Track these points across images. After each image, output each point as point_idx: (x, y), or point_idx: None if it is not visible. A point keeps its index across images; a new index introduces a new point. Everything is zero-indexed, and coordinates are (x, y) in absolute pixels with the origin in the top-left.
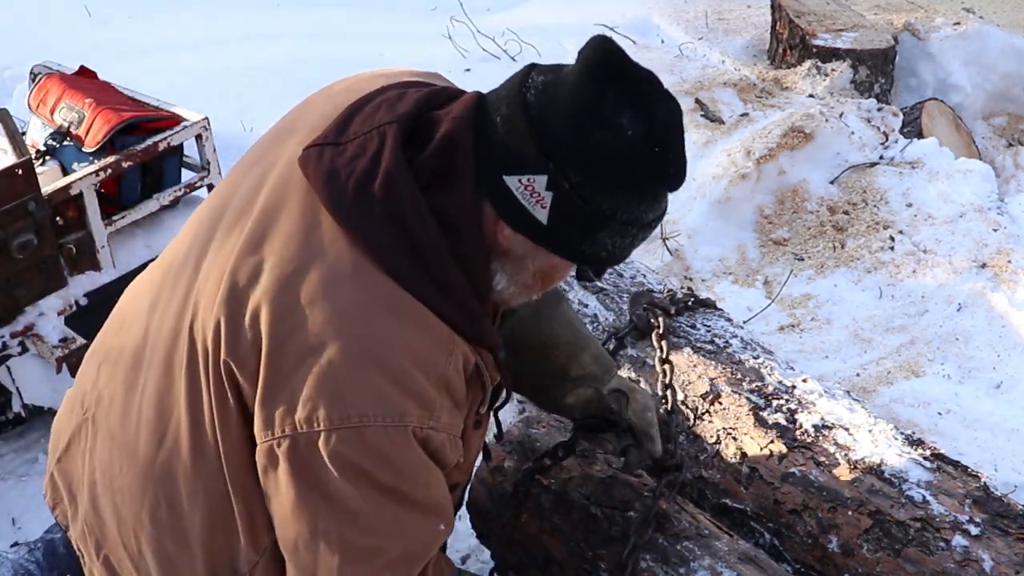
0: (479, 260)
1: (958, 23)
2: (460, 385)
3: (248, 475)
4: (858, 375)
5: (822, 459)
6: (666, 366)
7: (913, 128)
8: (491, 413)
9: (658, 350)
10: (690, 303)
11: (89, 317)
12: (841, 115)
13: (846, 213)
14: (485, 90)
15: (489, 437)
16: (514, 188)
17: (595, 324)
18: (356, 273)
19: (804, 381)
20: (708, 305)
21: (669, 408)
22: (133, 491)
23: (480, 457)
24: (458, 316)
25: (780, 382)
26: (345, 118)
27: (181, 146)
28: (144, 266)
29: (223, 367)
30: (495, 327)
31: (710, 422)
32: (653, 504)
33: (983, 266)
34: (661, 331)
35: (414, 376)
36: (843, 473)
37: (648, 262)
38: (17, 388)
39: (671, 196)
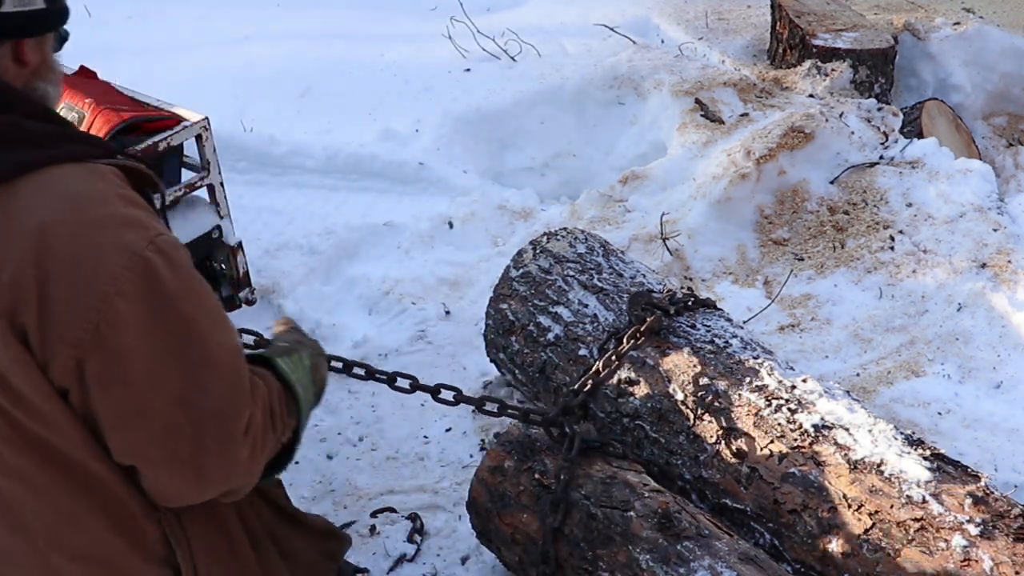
0: (33, 103)
1: (958, 23)
2: (135, 194)
3: (84, 436)
4: (858, 375)
5: (822, 459)
6: (615, 359)
7: (913, 128)
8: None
9: (624, 342)
10: (690, 303)
11: None
12: (841, 115)
13: (846, 213)
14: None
15: (489, 437)
16: (10, 5)
17: (595, 324)
18: (27, 196)
19: (804, 381)
20: (708, 305)
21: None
22: (28, 562)
23: None
24: (83, 149)
25: (780, 382)
26: None
27: (181, 146)
28: None
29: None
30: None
31: (710, 422)
32: (561, 483)
33: (983, 266)
34: (642, 328)
35: (111, 213)
36: (843, 473)
37: (648, 262)
38: None
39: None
